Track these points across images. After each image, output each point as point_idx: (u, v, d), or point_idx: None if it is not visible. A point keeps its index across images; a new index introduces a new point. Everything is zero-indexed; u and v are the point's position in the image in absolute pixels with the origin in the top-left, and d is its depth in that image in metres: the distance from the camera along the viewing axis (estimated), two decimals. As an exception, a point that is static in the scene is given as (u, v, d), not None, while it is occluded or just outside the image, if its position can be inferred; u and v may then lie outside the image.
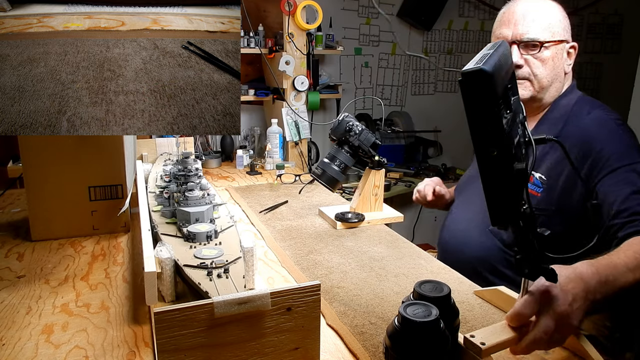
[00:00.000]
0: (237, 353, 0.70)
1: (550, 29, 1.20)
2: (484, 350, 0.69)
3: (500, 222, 0.70)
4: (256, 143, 2.41)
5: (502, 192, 0.66)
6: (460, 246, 1.32)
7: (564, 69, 1.24)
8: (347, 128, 1.38)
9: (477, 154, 0.66)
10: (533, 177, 1.19)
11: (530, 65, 1.21)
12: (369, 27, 3.52)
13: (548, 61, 1.21)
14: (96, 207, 1.31)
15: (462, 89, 0.63)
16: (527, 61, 1.21)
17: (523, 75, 1.22)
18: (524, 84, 1.22)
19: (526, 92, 1.23)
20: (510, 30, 1.22)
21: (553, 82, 1.23)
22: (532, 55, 1.20)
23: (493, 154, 0.64)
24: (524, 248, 0.72)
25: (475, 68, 0.60)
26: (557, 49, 1.21)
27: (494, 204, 0.68)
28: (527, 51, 1.21)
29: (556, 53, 1.21)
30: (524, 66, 1.21)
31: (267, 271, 1.14)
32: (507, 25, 1.23)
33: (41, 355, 0.80)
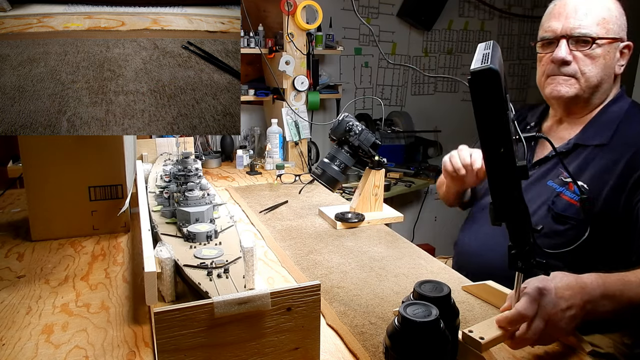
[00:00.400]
0: (237, 353, 0.70)
1: (605, 25, 1.11)
2: (483, 345, 0.72)
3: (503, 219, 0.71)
4: (256, 143, 2.41)
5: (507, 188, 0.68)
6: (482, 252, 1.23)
7: (615, 69, 1.16)
8: (347, 128, 1.38)
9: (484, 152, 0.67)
10: (574, 185, 1.12)
11: (578, 62, 1.13)
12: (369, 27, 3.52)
13: (599, 59, 1.12)
14: (96, 207, 1.30)
15: (472, 88, 0.63)
16: (575, 58, 1.13)
17: (570, 72, 1.14)
18: (569, 82, 1.15)
19: (571, 89, 1.15)
20: (560, 23, 1.14)
21: (602, 83, 1.15)
22: (581, 52, 1.12)
23: (500, 151, 0.65)
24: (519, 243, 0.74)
25: (484, 67, 0.61)
26: (610, 47, 1.12)
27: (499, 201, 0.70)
28: (577, 47, 1.13)
29: (608, 51, 1.13)
30: (572, 63, 1.13)
31: (267, 271, 1.14)
32: (558, 18, 1.15)
33: (41, 355, 0.80)
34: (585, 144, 1.15)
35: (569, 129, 1.22)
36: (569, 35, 1.13)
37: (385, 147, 3.35)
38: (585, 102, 1.18)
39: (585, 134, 1.17)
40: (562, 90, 1.16)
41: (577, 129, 1.19)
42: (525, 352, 0.83)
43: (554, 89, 1.17)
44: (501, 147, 0.65)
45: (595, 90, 1.16)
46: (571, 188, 1.13)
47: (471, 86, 0.64)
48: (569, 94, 1.15)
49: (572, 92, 1.15)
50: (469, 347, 0.74)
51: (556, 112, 1.26)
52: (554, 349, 0.84)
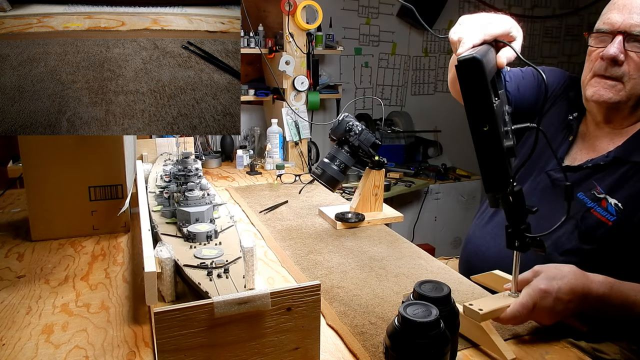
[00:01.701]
0: (237, 353, 0.70)
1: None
2: (481, 315, 0.79)
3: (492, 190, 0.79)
4: (256, 143, 2.41)
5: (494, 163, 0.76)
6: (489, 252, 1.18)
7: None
8: (347, 128, 1.38)
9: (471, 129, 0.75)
10: (607, 202, 1.01)
11: (630, 65, 0.99)
12: (369, 27, 3.53)
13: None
14: (96, 207, 1.31)
15: (458, 73, 0.73)
16: (628, 58, 0.99)
17: (617, 74, 1.01)
18: (616, 87, 1.02)
19: (615, 95, 1.02)
20: (622, 16, 0.99)
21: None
22: (637, 54, 0.99)
23: (485, 128, 0.74)
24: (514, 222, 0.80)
25: (469, 56, 0.72)
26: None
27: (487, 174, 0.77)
28: (634, 47, 0.99)
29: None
30: (623, 64, 1.00)
31: (267, 271, 1.14)
32: (620, 10, 1.00)
33: (41, 355, 0.80)
34: (627, 159, 1.03)
35: (608, 138, 1.09)
36: (627, 32, 0.98)
37: (385, 147, 3.36)
38: (628, 112, 1.05)
39: (628, 146, 1.04)
40: (604, 95, 1.03)
41: (620, 140, 1.06)
42: (525, 353, 0.83)
43: (596, 92, 1.05)
44: (485, 124, 0.73)
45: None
46: (604, 205, 1.02)
47: (458, 71, 0.73)
48: (612, 100, 1.03)
49: (615, 99, 1.02)
50: (469, 318, 0.81)
51: (594, 117, 1.13)
52: (554, 350, 0.84)
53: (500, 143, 0.74)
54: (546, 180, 1.14)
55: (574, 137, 1.16)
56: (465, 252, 1.30)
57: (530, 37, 4.19)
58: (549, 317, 0.84)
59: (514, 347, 0.84)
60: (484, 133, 0.74)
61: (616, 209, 1.00)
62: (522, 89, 1.24)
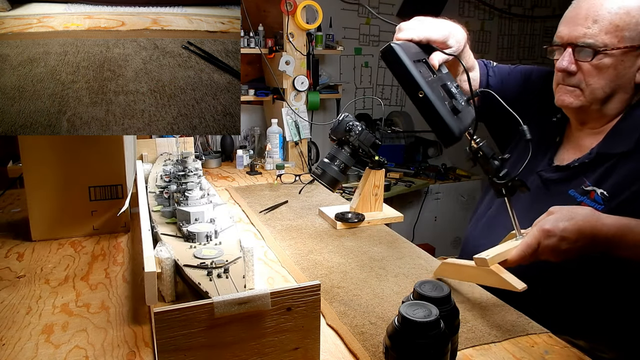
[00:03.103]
0: (237, 353, 0.70)
1: (618, 32, 1.00)
2: (488, 260, 0.87)
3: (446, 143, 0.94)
4: (256, 143, 2.41)
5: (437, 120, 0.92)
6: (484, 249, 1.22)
7: (635, 79, 1.04)
8: (347, 128, 1.38)
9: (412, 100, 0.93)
10: (595, 193, 1.05)
11: (583, 73, 1.04)
12: (369, 27, 3.53)
13: (607, 70, 1.02)
14: (96, 207, 1.30)
15: (383, 59, 0.94)
16: (580, 68, 1.04)
17: (573, 83, 1.06)
18: (574, 92, 1.07)
19: (575, 101, 1.07)
20: (568, 29, 1.05)
21: (614, 93, 1.05)
22: (587, 63, 1.03)
23: (420, 95, 0.91)
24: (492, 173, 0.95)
25: (386, 45, 0.93)
26: (625, 56, 1.01)
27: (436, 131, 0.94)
28: (582, 57, 1.04)
29: (622, 60, 1.01)
30: (576, 73, 1.05)
31: (267, 271, 1.14)
32: (567, 23, 1.06)
33: (41, 355, 0.80)
34: (609, 152, 1.07)
35: (590, 137, 1.13)
36: (574, 44, 1.04)
37: (385, 147, 3.36)
38: (597, 114, 1.09)
39: (608, 142, 1.08)
40: (566, 101, 1.09)
41: (600, 137, 1.11)
42: (525, 353, 0.83)
43: (559, 98, 1.11)
44: (420, 92, 0.91)
45: (605, 102, 1.07)
46: (592, 197, 1.06)
47: (382, 58, 0.94)
48: (573, 105, 1.08)
49: (576, 104, 1.08)
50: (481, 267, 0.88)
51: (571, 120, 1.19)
52: (554, 350, 0.84)
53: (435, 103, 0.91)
54: (537, 180, 1.17)
55: (560, 138, 1.20)
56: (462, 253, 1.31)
57: (530, 37, 4.19)
58: (554, 255, 0.88)
59: (514, 347, 0.84)
60: (420, 99, 0.91)
61: (602, 198, 1.04)
62: (506, 84, 1.30)
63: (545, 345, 0.85)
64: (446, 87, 1.00)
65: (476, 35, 3.91)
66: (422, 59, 1.00)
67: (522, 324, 0.91)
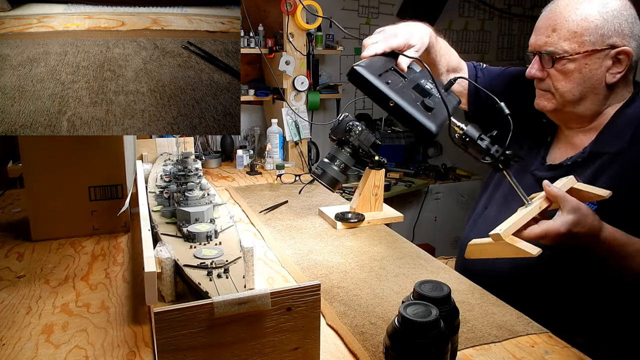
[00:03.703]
0: (237, 353, 0.70)
1: (577, 38, 1.04)
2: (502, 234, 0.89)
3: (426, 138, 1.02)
4: (256, 143, 2.41)
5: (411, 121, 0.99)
6: None
7: (606, 79, 1.07)
8: (347, 128, 1.38)
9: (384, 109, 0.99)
10: None
11: (551, 78, 1.10)
12: (369, 27, 3.53)
13: (573, 74, 1.07)
14: (96, 207, 1.31)
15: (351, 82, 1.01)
16: (548, 73, 1.10)
17: (543, 87, 1.13)
18: (545, 96, 1.13)
19: (548, 104, 1.13)
20: (535, 38, 1.11)
21: (585, 96, 1.09)
22: (551, 69, 1.09)
23: (392, 104, 0.98)
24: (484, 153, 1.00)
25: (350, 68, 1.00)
26: (588, 59, 1.05)
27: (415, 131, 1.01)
28: (547, 64, 1.09)
29: (586, 64, 1.05)
30: (545, 79, 1.11)
31: (267, 271, 1.14)
32: (535, 32, 1.12)
33: (41, 355, 0.80)
34: (601, 151, 1.10)
35: (581, 134, 1.16)
36: (540, 52, 1.10)
37: (385, 147, 3.36)
38: (572, 115, 1.13)
39: (600, 141, 1.11)
40: (541, 104, 1.15)
41: (592, 135, 1.13)
42: (525, 353, 0.83)
43: (536, 102, 1.16)
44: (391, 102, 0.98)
45: (577, 103, 1.10)
46: None
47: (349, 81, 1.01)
48: (547, 108, 1.14)
49: (550, 107, 1.13)
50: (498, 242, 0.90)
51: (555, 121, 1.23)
52: (554, 349, 0.84)
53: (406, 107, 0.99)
54: (531, 180, 1.19)
55: (551, 137, 1.24)
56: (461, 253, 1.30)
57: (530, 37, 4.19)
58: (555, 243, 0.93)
59: (514, 347, 0.84)
60: (392, 108, 0.98)
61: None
62: (495, 86, 1.32)
63: (545, 345, 0.85)
64: (419, 87, 1.07)
65: (476, 35, 3.91)
66: (390, 67, 1.07)
67: (522, 324, 0.91)
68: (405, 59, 1.09)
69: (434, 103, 1.03)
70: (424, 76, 1.13)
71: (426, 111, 1.01)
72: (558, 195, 0.93)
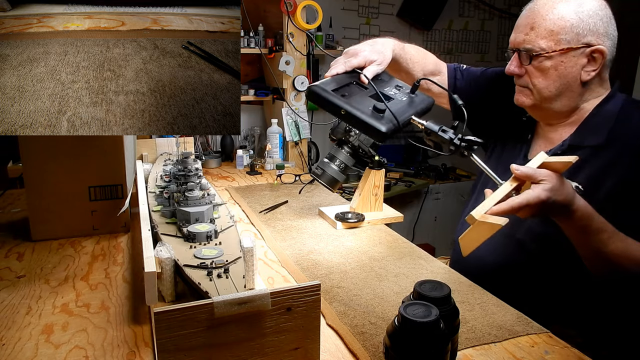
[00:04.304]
0: (237, 353, 0.70)
1: (554, 37, 1.08)
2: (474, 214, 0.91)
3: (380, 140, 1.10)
4: (256, 143, 2.41)
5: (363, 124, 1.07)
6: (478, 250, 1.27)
7: (581, 77, 1.10)
8: (347, 128, 1.38)
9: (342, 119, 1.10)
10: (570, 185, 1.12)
11: (529, 75, 1.13)
12: (369, 27, 3.53)
13: (549, 71, 1.10)
14: (96, 207, 1.30)
15: (309, 100, 1.13)
16: (526, 70, 1.14)
17: (521, 84, 1.16)
18: (524, 92, 1.16)
19: (527, 100, 1.16)
20: (514, 35, 1.15)
21: (561, 93, 1.12)
22: (529, 66, 1.13)
23: (343, 112, 1.08)
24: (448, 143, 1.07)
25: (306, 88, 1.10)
26: (564, 57, 1.09)
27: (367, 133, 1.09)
28: (525, 61, 1.13)
29: (562, 62, 1.09)
30: (524, 75, 1.15)
31: (267, 271, 1.14)
32: (515, 30, 1.15)
33: (41, 355, 0.80)
34: (581, 144, 1.13)
35: (560, 129, 1.20)
36: (518, 49, 1.13)
37: (385, 147, 3.36)
38: (550, 111, 1.17)
39: (579, 134, 1.15)
40: (519, 100, 1.18)
41: (571, 129, 1.17)
42: (525, 353, 0.83)
43: (515, 98, 1.19)
44: (342, 110, 1.07)
45: (554, 100, 1.14)
46: None
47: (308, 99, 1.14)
48: (526, 104, 1.17)
49: (528, 102, 1.17)
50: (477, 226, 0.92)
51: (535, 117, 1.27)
52: (554, 350, 0.84)
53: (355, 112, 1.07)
54: None
55: (531, 135, 1.28)
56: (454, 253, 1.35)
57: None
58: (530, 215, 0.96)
59: (514, 347, 0.84)
60: (344, 115, 1.08)
61: (578, 191, 1.08)
62: (475, 87, 1.39)
63: (545, 345, 0.85)
64: (377, 96, 1.15)
65: (476, 35, 3.91)
66: (352, 82, 1.18)
67: (522, 324, 0.91)
68: (367, 73, 1.18)
69: (394, 106, 1.12)
70: (389, 85, 1.23)
71: (378, 114, 1.08)
72: (528, 173, 0.95)
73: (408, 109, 1.16)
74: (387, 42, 1.27)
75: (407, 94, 1.22)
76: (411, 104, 1.20)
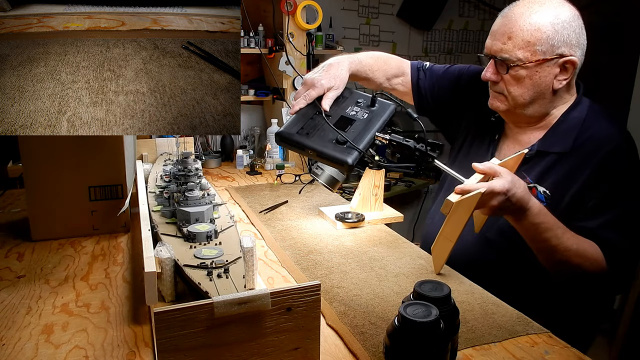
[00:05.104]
0: (237, 353, 0.70)
1: (530, 47, 1.09)
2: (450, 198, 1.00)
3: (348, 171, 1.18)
4: (256, 143, 2.41)
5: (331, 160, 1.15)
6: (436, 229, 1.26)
7: (553, 85, 1.13)
8: (347, 128, 1.38)
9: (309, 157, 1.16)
10: (537, 190, 1.15)
11: (505, 82, 1.15)
12: (369, 27, 3.53)
13: (524, 80, 1.13)
14: (96, 207, 1.31)
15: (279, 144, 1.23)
16: (502, 77, 1.15)
17: (497, 90, 1.18)
18: (499, 98, 1.19)
19: (501, 105, 1.19)
20: (490, 42, 1.16)
21: (534, 100, 1.15)
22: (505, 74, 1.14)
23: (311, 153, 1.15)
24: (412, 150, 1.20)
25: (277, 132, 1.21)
26: (539, 67, 1.11)
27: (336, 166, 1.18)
28: (501, 69, 1.14)
29: (537, 71, 1.11)
30: (499, 82, 1.16)
31: (267, 271, 1.14)
32: (491, 36, 1.16)
33: (41, 355, 0.80)
34: (549, 150, 1.17)
35: (529, 132, 1.23)
36: (495, 56, 1.14)
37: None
38: (522, 116, 1.20)
39: (546, 140, 1.18)
40: (494, 104, 1.21)
41: (540, 133, 1.20)
42: (525, 353, 0.83)
43: (489, 102, 1.22)
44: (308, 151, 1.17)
45: (527, 106, 1.17)
46: (534, 193, 1.14)
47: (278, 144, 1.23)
48: (500, 109, 1.20)
49: (502, 108, 1.19)
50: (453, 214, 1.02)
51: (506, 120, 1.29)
52: (554, 350, 0.84)
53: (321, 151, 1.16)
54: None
55: (499, 135, 1.31)
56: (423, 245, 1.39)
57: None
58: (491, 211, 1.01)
59: (514, 347, 0.84)
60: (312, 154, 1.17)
61: (545, 196, 1.14)
62: (438, 85, 1.43)
63: (545, 345, 0.85)
64: (343, 119, 1.24)
65: (476, 35, 3.91)
66: (315, 113, 1.24)
67: (522, 324, 0.91)
68: (326, 102, 1.25)
69: (356, 130, 1.21)
70: (350, 103, 1.31)
71: (341, 146, 1.16)
72: (490, 168, 1.01)
73: (370, 128, 1.24)
74: (341, 62, 1.32)
75: (368, 109, 1.29)
76: (372, 120, 1.26)
